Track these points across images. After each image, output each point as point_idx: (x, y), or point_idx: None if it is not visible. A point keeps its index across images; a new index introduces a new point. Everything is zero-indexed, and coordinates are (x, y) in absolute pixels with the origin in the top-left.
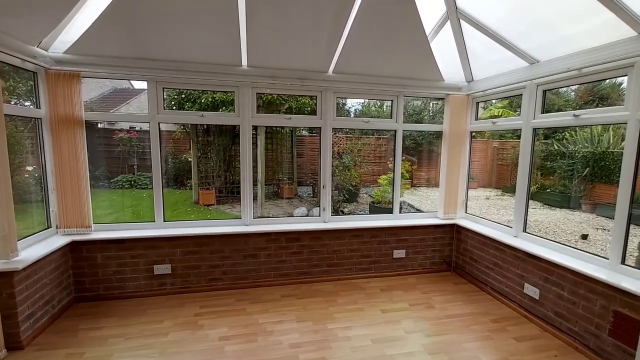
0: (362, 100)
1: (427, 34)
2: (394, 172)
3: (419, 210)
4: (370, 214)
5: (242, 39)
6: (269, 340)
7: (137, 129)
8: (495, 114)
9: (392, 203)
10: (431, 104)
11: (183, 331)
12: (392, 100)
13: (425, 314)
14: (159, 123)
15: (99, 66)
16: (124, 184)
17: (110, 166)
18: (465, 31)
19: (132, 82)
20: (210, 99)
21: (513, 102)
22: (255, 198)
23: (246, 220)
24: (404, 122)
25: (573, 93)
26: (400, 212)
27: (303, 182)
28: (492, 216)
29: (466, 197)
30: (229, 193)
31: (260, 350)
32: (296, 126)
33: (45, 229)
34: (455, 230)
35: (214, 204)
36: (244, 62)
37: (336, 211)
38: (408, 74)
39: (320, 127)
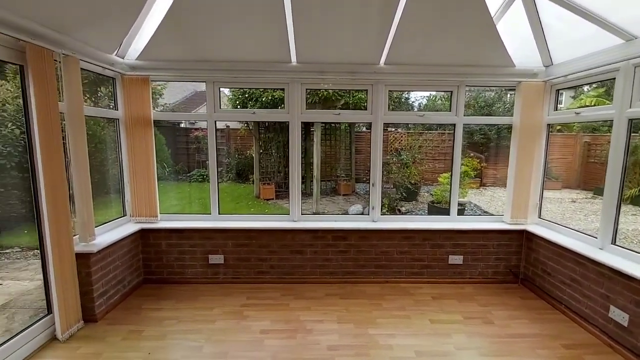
0: (427, 93)
1: (493, 15)
2: (451, 170)
3: (486, 213)
4: (428, 214)
5: (290, 36)
6: (308, 339)
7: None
8: (587, 103)
9: (449, 204)
10: (508, 95)
11: (229, 320)
12: (451, 91)
13: (482, 329)
14: (215, 121)
15: (163, 70)
16: (197, 177)
17: (188, 161)
18: (540, 6)
19: None
20: (270, 97)
21: (611, 90)
22: (310, 194)
23: (294, 216)
24: (468, 115)
25: None
26: (462, 214)
27: (361, 179)
28: (577, 222)
29: (540, 200)
30: (287, 188)
31: (298, 348)
32: (346, 121)
33: (122, 217)
34: (525, 237)
35: (273, 199)
36: (293, 58)
37: (393, 209)
38: (470, 61)
39: (371, 123)
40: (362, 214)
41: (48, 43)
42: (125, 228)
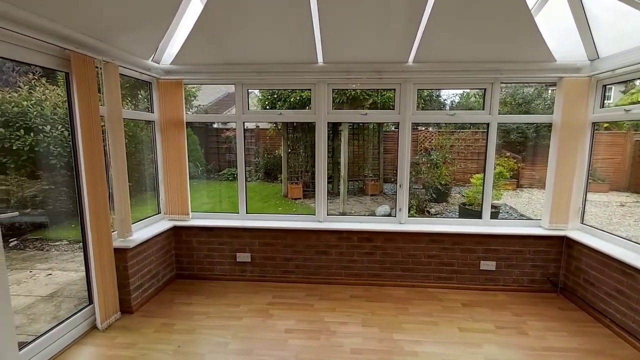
0: (460, 91)
1: (530, 7)
2: (484, 171)
3: (523, 216)
4: (460, 216)
5: (316, 36)
6: (331, 340)
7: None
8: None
9: (482, 207)
10: (550, 90)
11: (255, 318)
12: (485, 89)
13: (515, 340)
14: (244, 122)
15: (195, 73)
16: (228, 176)
17: (219, 161)
18: None
19: None
20: (298, 97)
21: None
22: (337, 194)
23: (320, 216)
24: (504, 113)
25: None
26: (497, 217)
27: (389, 179)
28: (626, 228)
29: (583, 204)
30: (315, 188)
31: (321, 349)
32: (373, 121)
33: (156, 214)
34: (565, 244)
35: (300, 198)
36: (319, 58)
37: (422, 211)
38: (505, 57)
39: (398, 122)
40: (390, 214)
41: (90, 51)
42: (160, 225)
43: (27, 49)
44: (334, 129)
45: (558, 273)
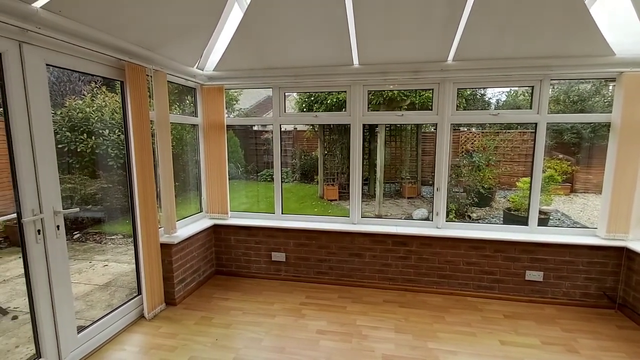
0: (507, 89)
1: None
2: (531, 175)
3: (576, 223)
4: (504, 222)
5: (352, 38)
6: (363, 344)
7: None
8: None
9: (528, 212)
10: (610, 86)
11: (288, 316)
12: (532, 87)
13: (564, 358)
14: (280, 125)
15: (236, 79)
16: (266, 177)
17: (258, 162)
18: None
19: None
20: (334, 100)
21: None
22: (374, 196)
23: (354, 218)
24: (555, 112)
25: None
26: (546, 224)
27: (427, 182)
28: None
29: None
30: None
31: (353, 352)
32: (409, 123)
33: (199, 213)
34: (625, 255)
35: (336, 200)
36: (355, 60)
37: (462, 215)
38: (555, 52)
39: (436, 124)
40: (427, 218)
41: (142, 61)
42: (201, 223)
43: (89, 61)
44: (370, 130)
45: (616, 287)
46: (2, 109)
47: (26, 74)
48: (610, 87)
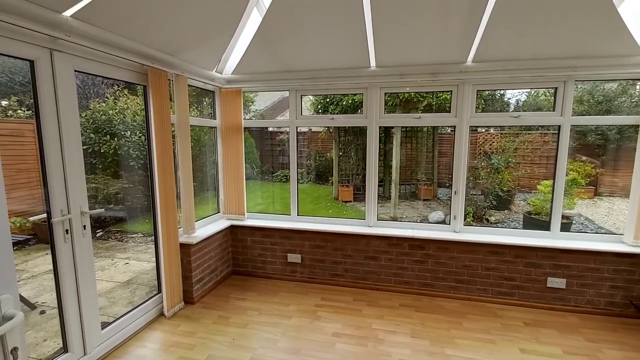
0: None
1: None
2: (554, 178)
3: (601, 228)
4: (524, 226)
5: (369, 40)
6: (379, 348)
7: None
8: None
9: (550, 217)
10: (638, 86)
11: (303, 318)
12: (555, 88)
13: None
14: (297, 127)
15: (253, 82)
16: (281, 178)
17: (273, 163)
18: None
19: None
20: (350, 101)
21: None
22: (389, 197)
23: (370, 221)
24: (579, 113)
25: None
26: (568, 228)
27: (443, 184)
28: None
29: None
30: (365, 191)
31: (368, 356)
32: (427, 125)
33: (216, 213)
34: None
35: (351, 201)
36: (372, 63)
37: (479, 218)
38: (580, 52)
39: (454, 126)
40: (444, 221)
41: (164, 65)
42: (219, 224)
43: (115, 67)
44: (386, 131)
45: None
46: (33, 112)
47: (56, 80)
48: (638, 87)
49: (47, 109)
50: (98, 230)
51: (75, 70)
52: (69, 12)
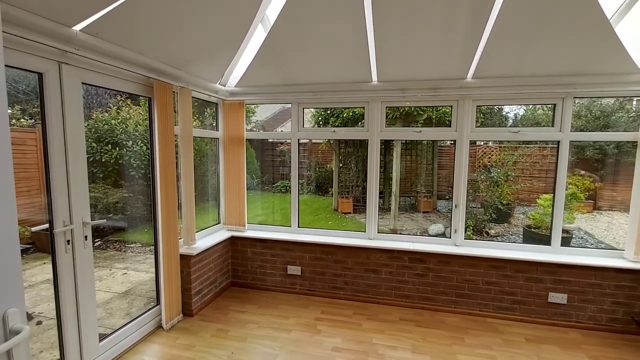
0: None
1: (610, 17)
2: (554, 193)
3: (601, 243)
4: (524, 240)
5: (371, 56)
6: None
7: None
8: None
9: (551, 232)
10: (634, 101)
11: (303, 332)
12: (554, 104)
13: None
14: (298, 139)
15: (256, 94)
16: (281, 188)
17: (273, 173)
18: None
19: None
20: (350, 114)
21: None
22: (388, 209)
23: (370, 234)
24: (578, 128)
25: None
26: (569, 243)
27: (443, 196)
28: None
29: None
30: (365, 203)
31: None
32: (427, 139)
33: (217, 224)
34: None
35: (350, 213)
36: (374, 77)
37: (479, 231)
38: (579, 70)
39: (455, 140)
40: (444, 234)
41: (169, 78)
42: (219, 235)
43: (121, 79)
44: (386, 143)
45: None
46: (36, 121)
47: (64, 93)
48: (634, 102)
49: (54, 121)
50: (96, 240)
51: (83, 83)
52: (78, 27)
